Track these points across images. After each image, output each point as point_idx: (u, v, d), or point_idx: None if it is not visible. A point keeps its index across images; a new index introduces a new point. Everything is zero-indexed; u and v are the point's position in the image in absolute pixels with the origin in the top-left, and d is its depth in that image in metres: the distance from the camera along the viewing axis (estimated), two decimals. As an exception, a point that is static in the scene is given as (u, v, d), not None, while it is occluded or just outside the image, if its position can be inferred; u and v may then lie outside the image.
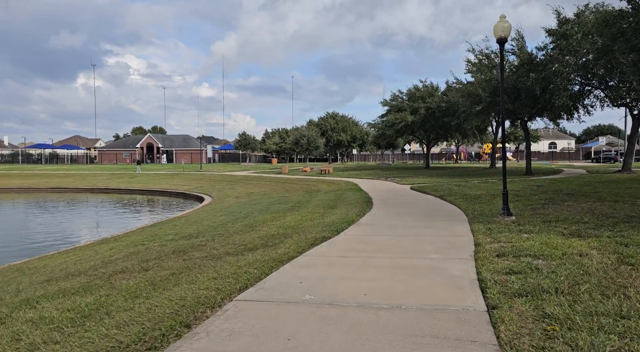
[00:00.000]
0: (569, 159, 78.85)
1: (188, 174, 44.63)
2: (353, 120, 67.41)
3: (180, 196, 32.45)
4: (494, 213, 10.28)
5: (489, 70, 25.10)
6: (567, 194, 13.75)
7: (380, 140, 44.37)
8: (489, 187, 17.93)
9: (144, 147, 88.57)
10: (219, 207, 19.61)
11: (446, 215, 10.82)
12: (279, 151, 77.85)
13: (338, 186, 24.64)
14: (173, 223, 14.19)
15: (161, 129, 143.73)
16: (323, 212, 12.88)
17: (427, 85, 38.65)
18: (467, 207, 11.95)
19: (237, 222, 12.10)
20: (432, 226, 9.04)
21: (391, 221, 10.05)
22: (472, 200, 13.68)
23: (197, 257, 7.22)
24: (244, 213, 14.89)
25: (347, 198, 16.92)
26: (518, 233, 7.43)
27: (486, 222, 8.95)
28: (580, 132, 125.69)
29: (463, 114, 28.04)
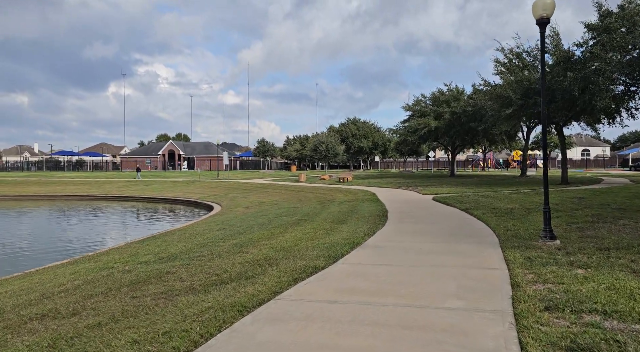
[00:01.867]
0: (604, 166, 74.86)
1: (204, 182, 43.63)
2: (375, 126, 65.45)
3: (192, 204, 31.30)
4: (532, 234, 8.41)
5: (520, 70, 23.00)
6: (618, 209, 11.69)
7: (403, 146, 42.36)
8: (521, 199, 15.91)
9: (166, 154, 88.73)
10: (224, 218, 18.17)
11: (472, 235, 9.00)
12: (300, 158, 76.53)
13: (354, 195, 22.94)
14: (164, 239, 12.77)
15: (185, 136, 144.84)
16: (329, 227, 11.23)
17: (452, 89, 36.59)
18: (497, 224, 10.09)
19: (229, 240, 10.56)
20: (455, 251, 7.27)
21: (405, 243, 8.32)
22: (503, 215, 11.79)
23: (151, 293, 5.68)
24: (243, 227, 13.36)
25: (361, 210, 15.22)
26: (569, 267, 5.61)
27: (523, 248, 7.12)
28: (615, 139, 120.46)
29: (491, 118, 25.94)
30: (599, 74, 18.85)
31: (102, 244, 14.01)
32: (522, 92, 22.11)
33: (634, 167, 59.13)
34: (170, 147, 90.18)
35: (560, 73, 21.02)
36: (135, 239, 14.11)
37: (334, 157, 45.60)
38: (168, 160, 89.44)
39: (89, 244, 15.36)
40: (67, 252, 13.63)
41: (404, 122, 39.23)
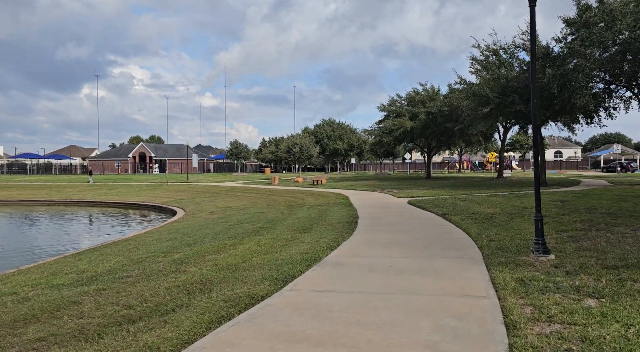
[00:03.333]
0: (577, 168, 75.68)
1: (172, 186, 41.67)
2: (350, 127, 64.29)
3: (156, 209, 29.47)
4: (520, 246, 7.22)
5: (497, 67, 22.13)
6: (609, 214, 10.67)
7: (378, 148, 41.30)
8: (501, 202, 14.86)
9: (136, 156, 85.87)
10: (182, 225, 16.59)
11: (451, 246, 7.75)
12: (276, 160, 74.94)
13: (326, 199, 21.63)
14: (103, 251, 11.17)
15: (159, 138, 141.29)
16: (290, 237, 9.86)
17: (427, 89, 35.71)
18: (478, 233, 8.89)
19: (172, 254, 9.07)
20: (431, 270, 5.99)
21: (373, 258, 7.00)
22: (483, 221, 10.63)
23: (25, 340, 4.21)
24: (196, 237, 11.86)
25: (330, 216, 13.90)
26: (576, 296, 4.38)
27: (512, 265, 5.89)
28: (586, 141, 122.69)
29: (468, 117, 25.04)
30: (578, 71, 18.05)
31: (34, 258, 12.31)
32: (499, 90, 21.23)
33: (606, 168, 59.66)
34: (141, 150, 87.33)
35: (539, 70, 20.19)
36: (73, 251, 12.44)
37: (308, 159, 44.21)
38: (139, 163, 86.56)
39: (17, 256, 13.58)
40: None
41: (379, 123, 38.17)
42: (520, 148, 65.62)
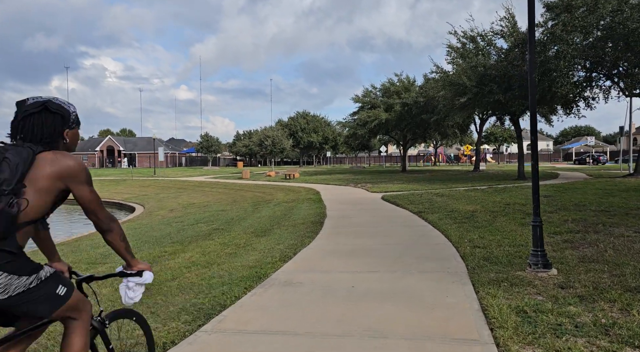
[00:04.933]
0: (549, 160, 76.27)
1: (138, 180, 39.58)
2: (325, 120, 62.86)
3: (115, 206, 27.55)
4: (511, 255, 5.99)
5: (474, 55, 21.05)
6: (601, 211, 9.60)
7: (352, 140, 40.05)
8: (481, 198, 13.75)
9: (104, 150, 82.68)
10: (131, 226, 14.96)
11: (429, 256, 6.48)
12: (250, 154, 73.00)
13: (296, 194, 20.26)
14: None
15: (130, 131, 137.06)
16: (243, 243, 8.45)
17: (402, 80, 34.61)
18: (460, 236, 7.65)
19: (95, 267, 7.55)
20: (403, 293, 4.69)
21: (332, 273, 5.66)
22: (464, 221, 9.43)
23: None
24: (138, 242, 10.31)
25: (295, 215, 12.54)
26: (608, 343, 3.10)
27: (507, 285, 4.64)
28: (557, 134, 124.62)
29: (444, 108, 23.96)
30: (559, 58, 17.08)
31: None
32: (477, 79, 20.15)
33: (578, 161, 60.08)
34: (109, 143, 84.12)
35: (518, 57, 19.21)
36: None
37: (280, 152, 42.68)
38: (107, 157, 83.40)
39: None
40: None
41: (353, 115, 36.93)
42: (495, 141, 65.49)
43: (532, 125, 5.21)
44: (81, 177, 1.96)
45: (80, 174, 1.96)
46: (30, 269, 1.86)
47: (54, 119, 1.97)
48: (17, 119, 1.96)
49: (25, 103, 1.97)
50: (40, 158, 1.88)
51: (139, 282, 2.28)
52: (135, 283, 2.29)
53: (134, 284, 2.29)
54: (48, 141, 1.95)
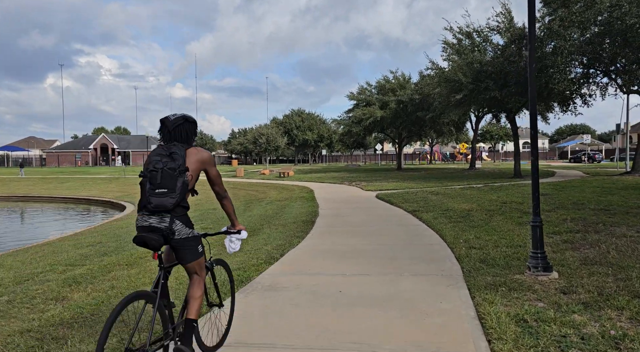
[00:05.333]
0: (544, 158, 76.24)
1: (130, 179, 39.06)
2: (320, 118, 62.46)
3: (106, 204, 27.13)
4: (509, 257, 5.68)
5: (470, 51, 20.74)
6: (601, 210, 9.31)
7: (347, 138, 39.69)
8: (477, 196, 13.45)
9: (98, 148, 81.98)
10: (118, 225, 14.56)
11: (422, 257, 6.16)
12: (245, 152, 72.48)
13: (289, 193, 19.94)
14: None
15: (125, 129, 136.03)
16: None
17: (398, 77, 34.27)
18: (455, 236, 7.35)
19: (73, 269, 7.19)
20: (395, 299, 4.37)
21: (321, 276, 5.34)
22: (459, 220, 9.12)
23: None
24: (122, 241, 9.93)
25: (288, 213, 12.22)
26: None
27: (505, 290, 4.32)
28: (553, 132, 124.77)
29: (440, 105, 23.65)
30: (556, 53, 16.79)
31: None
32: (473, 76, 19.85)
33: (573, 159, 60.05)
34: (102, 141, 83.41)
35: (514, 53, 18.93)
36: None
37: (275, 150, 42.29)
38: (101, 155, 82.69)
39: None
40: None
41: (348, 112, 36.58)
42: (490, 139, 65.28)
43: (531, 120, 4.89)
44: (212, 162, 2.97)
45: (211, 161, 2.97)
46: (191, 224, 2.85)
47: (191, 126, 2.91)
48: (167, 129, 2.83)
49: (169, 119, 2.85)
50: (189, 152, 2.81)
51: (239, 237, 3.23)
52: (236, 238, 3.24)
53: (235, 239, 3.24)
54: (189, 141, 2.86)
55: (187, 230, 2.80)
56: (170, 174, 2.66)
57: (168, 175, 2.66)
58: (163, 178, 2.66)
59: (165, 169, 2.67)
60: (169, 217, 2.68)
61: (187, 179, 2.71)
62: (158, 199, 2.64)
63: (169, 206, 2.64)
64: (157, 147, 2.82)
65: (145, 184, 2.72)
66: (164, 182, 2.65)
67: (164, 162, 2.70)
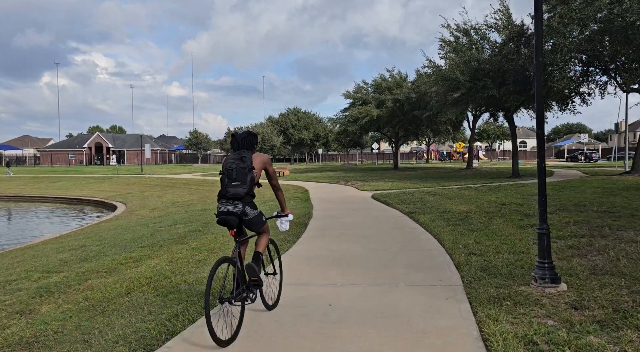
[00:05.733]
0: (542, 157, 75.88)
1: (123, 178, 38.57)
2: (316, 116, 62.00)
3: (98, 204, 26.66)
4: (512, 264, 5.31)
5: (468, 49, 20.37)
6: (605, 212, 8.96)
7: (343, 137, 39.28)
8: (475, 197, 13.09)
9: (92, 147, 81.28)
10: (106, 227, 14.12)
11: (419, 265, 5.78)
12: (240, 151, 71.83)
13: (284, 193, 19.48)
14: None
15: (120, 128, 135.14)
16: (217, 248, 7.74)
17: (394, 75, 33.90)
18: (454, 241, 6.97)
19: (48, 277, 6.77)
20: (388, 314, 3.99)
21: (309, 287, 4.95)
22: (458, 223, 8.75)
23: None
24: (107, 245, 9.52)
25: (280, 215, 11.77)
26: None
27: (510, 304, 3.95)
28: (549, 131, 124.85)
29: (437, 104, 23.28)
30: (556, 51, 16.44)
31: None
32: (470, 74, 19.48)
33: (570, 158, 59.90)
34: (97, 140, 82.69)
35: (513, 51, 18.57)
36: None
37: (270, 149, 41.79)
38: (95, 154, 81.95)
39: None
40: None
41: (344, 111, 36.17)
42: (487, 138, 65.05)
43: (538, 118, 4.50)
44: (270, 163, 3.99)
45: (269, 161, 4.00)
46: (256, 207, 3.83)
47: (253, 138, 3.94)
48: (237, 140, 3.88)
49: (237, 133, 3.91)
50: (254, 156, 3.81)
51: (287, 219, 4.36)
52: (285, 220, 4.36)
53: (285, 221, 4.36)
54: (253, 148, 3.89)
55: (254, 211, 3.84)
56: (242, 171, 3.70)
57: (240, 172, 3.70)
58: (237, 174, 3.70)
59: (238, 168, 3.71)
60: (241, 204, 3.72)
61: (254, 175, 3.74)
62: (234, 189, 3.69)
63: (242, 194, 3.67)
64: (231, 153, 3.91)
65: (224, 180, 3.77)
66: (237, 177, 3.69)
67: (237, 163, 3.74)
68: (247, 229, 4.00)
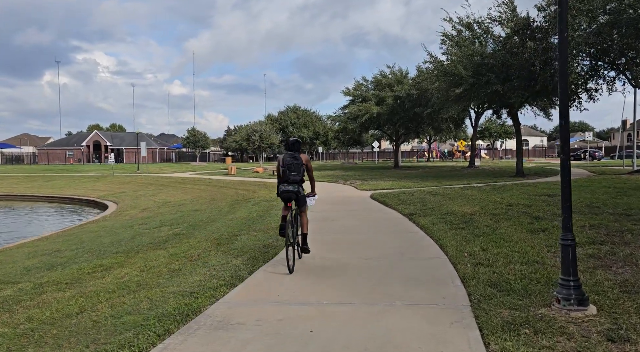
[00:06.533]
0: (543, 156, 75.30)
1: (118, 177, 37.85)
2: (316, 114, 61.21)
3: (90, 204, 26.00)
4: (526, 277, 4.59)
5: (470, 43, 19.61)
6: (621, 214, 8.23)
7: (342, 135, 38.49)
8: (479, 197, 12.35)
9: (90, 145, 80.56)
10: (89, 229, 13.42)
11: (419, 277, 5.06)
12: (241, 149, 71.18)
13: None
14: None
15: (120, 126, 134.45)
16: (198, 255, 7.01)
17: (395, 72, 33.11)
18: (458, 248, 6.25)
19: (4, 289, 6.05)
20: (381, 344, 3.26)
21: (292, 306, 4.22)
22: (462, 227, 8.02)
23: None
24: (82, 250, 8.81)
25: (272, 216, 11.10)
26: None
27: (530, 333, 3.23)
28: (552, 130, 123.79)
29: (438, 100, 22.52)
30: (564, 45, 15.66)
31: None
32: (473, 69, 18.73)
33: (573, 157, 59.12)
34: (95, 138, 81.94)
35: (518, 44, 17.80)
36: None
37: (268, 148, 41.09)
38: (93, 152, 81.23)
39: None
40: None
41: (343, 109, 35.39)
42: (489, 136, 64.19)
43: (562, 102, 3.78)
44: (309, 160, 5.97)
45: (309, 159, 5.97)
46: (302, 189, 5.88)
47: (299, 143, 5.95)
48: (288, 144, 5.92)
49: (289, 140, 5.98)
50: (301, 156, 5.78)
51: (314, 198, 6.20)
52: (312, 198, 6.14)
53: (312, 199, 6.12)
54: (299, 149, 5.86)
55: (303, 192, 5.87)
56: (297, 166, 5.66)
57: (295, 166, 5.65)
58: (294, 167, 5.64)
59: (294, 163, 5.64)
60: (297, 186, 5.73)
61: (303, 168, 5.75)
62: (293, 177, 5.65)
63: (298, 180, 5.71)
64: (285, 154, 5.80)
65: (286, 171, 5.65)
66: (294, 169, 5.64)
67: (292, 160, 5.67)
68: (297, 203, 5.88)
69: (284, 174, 5.66)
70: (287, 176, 5.65)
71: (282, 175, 5.69)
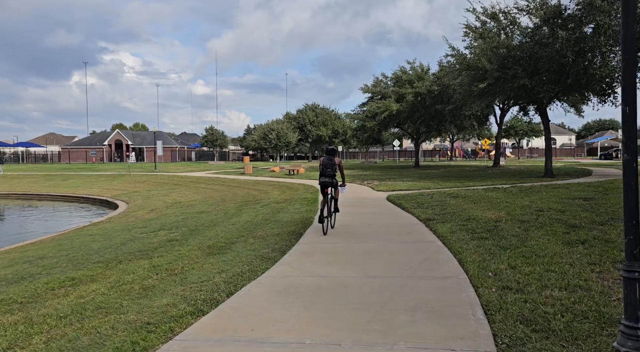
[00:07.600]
0: (572, 155, 72.63)
1: (134, 176, 37.65)
2: (335, 113, 60.11)
3: (103, 203, 25.70)
4: (568, 311, 3.57)
5: (496, 35, 18.33)
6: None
7: (361, 133, 37.43)
8: (505, 200, 11.20)
9: (112, 144, 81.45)
10: (88, 232, 12.80)
11: (432, 305, 4.08)
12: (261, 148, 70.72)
13: (292, 193, 18.00)
14: None
15: (143, 126, 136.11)
16: (181, 268, 6.18)
17: (415, 67, 31.86)
18: (480, 265, 5.24)
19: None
20: None
21: (266, 345, 3.30)
22: (485, 236, 6.97)
23: None
24: (65, 258, 8.10)
25: (277, 220, 10.24)
26: None
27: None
28: (580, 128, 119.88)
29: (461, 95, 21.28)
30: (599, 33, 14.33)
31: None
32: (499, 62, 17.47)
33: (604, 155, 56.59)
34: (117, 137, 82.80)
35: (548, 35, 16.48)
36: None
37: (285, 146, 40.31)
38: (115, 151, 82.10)
39: None
40: None
41: (362, 106, 34.32)
42: (515, 134, 62.02)
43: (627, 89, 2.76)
44: (340, 161, 8.59)
45: (340, 160, 8.66)
46: (335, 179, 8.48)
47: (334, 150, 8.74)
48: (326, 150, 8.74)
49: (327, 147, 8.83)
50: (334, 158, 8.42)
51: (344, 188, 9.01)
52: (342, 189, 8.94)
53: (343, 188, 8.93)
54: (335, 154, 8.62)
55: (336, 182, 8.45)
56: (331, 165, 8.22)
57: (331, 166, 8.23)
58: (329, 166, 8.22)
59: (329, 163, 8.22)
60: (331, 178, 8.25)
61: (336, 167, 8.25)
62: (328, 172, 8.20)
63: (332, 174, 8.22)
64: (324, 156, 8.45)
65: (324, 168, 8.23)
66: (329, 167, 8.21)
67: (329, 162, 8.22)
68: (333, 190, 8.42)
69: (323, 170, 8.21)
70: (325, 171, 8.19)
71: (321, 171, 8.23)
